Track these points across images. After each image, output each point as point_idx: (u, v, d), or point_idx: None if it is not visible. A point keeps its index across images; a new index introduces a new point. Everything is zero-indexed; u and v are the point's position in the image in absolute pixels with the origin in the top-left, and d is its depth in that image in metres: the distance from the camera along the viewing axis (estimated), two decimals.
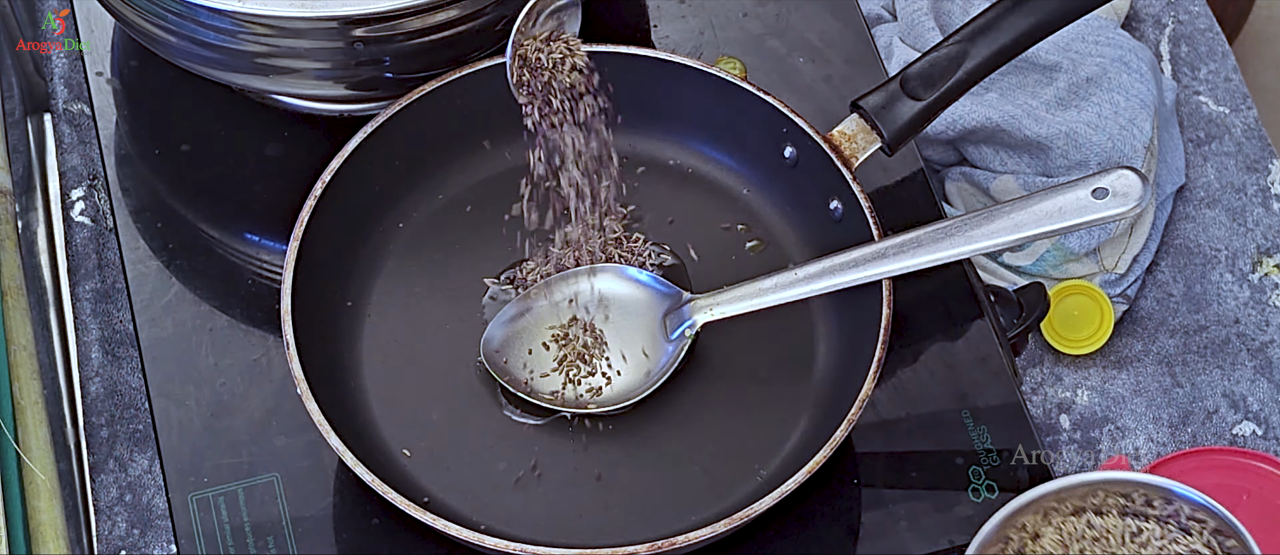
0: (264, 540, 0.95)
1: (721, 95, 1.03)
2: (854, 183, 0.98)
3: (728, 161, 1.06)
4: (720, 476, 0.96)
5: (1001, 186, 1.17)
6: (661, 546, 0.88)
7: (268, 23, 0.96)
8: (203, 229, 1.07)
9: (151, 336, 1.01)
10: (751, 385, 0.99)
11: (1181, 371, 1.14)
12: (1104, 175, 0.91)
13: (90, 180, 1.15)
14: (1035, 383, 1.14)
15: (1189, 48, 1.27)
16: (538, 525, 0.94)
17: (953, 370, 1.01)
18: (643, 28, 1.15)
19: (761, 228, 1.05)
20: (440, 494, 0.95)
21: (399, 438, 0.97)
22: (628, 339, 0.99)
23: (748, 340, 1.00)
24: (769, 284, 0.96)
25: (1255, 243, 1.19)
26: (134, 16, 1.01)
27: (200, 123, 1.10)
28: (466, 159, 1.06)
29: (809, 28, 1.13)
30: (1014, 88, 1.18)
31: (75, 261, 1.12)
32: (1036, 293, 1.05)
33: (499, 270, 1.03)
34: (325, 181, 0.98)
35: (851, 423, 0.90)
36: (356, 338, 1.00)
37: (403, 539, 0.95)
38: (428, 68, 1.01)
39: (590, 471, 0.96)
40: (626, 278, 1.01)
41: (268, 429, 0.98)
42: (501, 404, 0.98)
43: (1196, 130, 1.24)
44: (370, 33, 0.97)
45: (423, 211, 1.05)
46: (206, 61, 1.01)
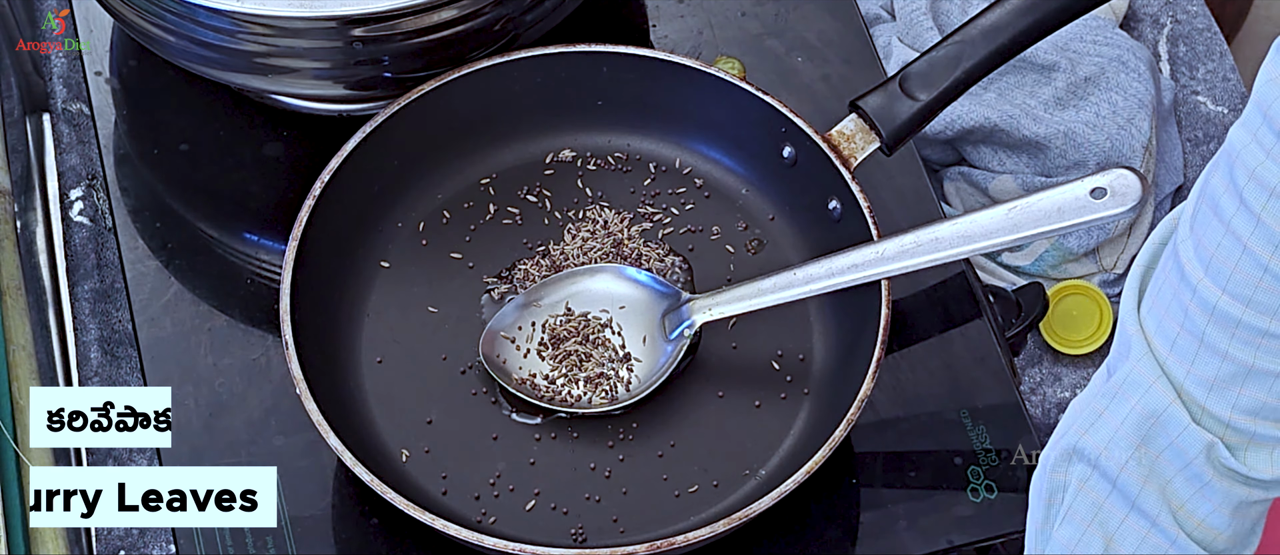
0: (263, 540, 0.95)
1: (720, 95, 1.03)
2: (853, 182, 0.98)
3: (726, 161, 1.06)
4: (720, 476, 0.96)
5: (1000, 186, 1.17)
6: (661, 546, 0.88)
7: (267, 22, 0.96)
8: (201, 229, 1.07)
9: (150, 336, 1.01)
10: (750, 385, 0.99)
11: None
12: (1102, 175, 0.91)
13: (89, 180, 1.15)
14: (1034, 382, 1.14)
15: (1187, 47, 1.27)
16: (537, 525, 0.94)
17: (951, 370, 1.01)
18: (641, 27, 1.15)
19: (760, 228, 1.05)
20: (439, 494, 0.95)
21: (398, 437, 0.97)
22: (627, 339, 0.99)
23: (747, 340, 1.00)
24: (768, 284, 0.96)
25: None
26: (133, 16, 1.01)
27: (199, 122, 1.10)
28: (465, 159, 1.06)
29: (808, 27, 1.13)
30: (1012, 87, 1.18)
31: (74, 261, 1.12)
32: (1035, 293, 1.05)
33: (498, 270, 1.03)
34: (324, 181, 0.98)
35: (850, 423, 0.91)
36: (355, 338, 1.00)
37: (402, 539, 0.95)
38: (426, 68, 1.01)
39: (589, 471, 0.96)
40: (626, 278, 1.01)
41: (267, 429, 0.98)
42: (501, 404, 0.98)
43: (1195, 130, 1.24)
44: (369, 32, 0.97)
45: (421, 211, 1.05)
46: (205, 61, 1.01)
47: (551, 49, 1.03)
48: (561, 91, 1.05)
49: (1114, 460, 0.75)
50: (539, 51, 1.03)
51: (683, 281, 1.02)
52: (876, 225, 0.97)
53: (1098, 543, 0.76)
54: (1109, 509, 0.76)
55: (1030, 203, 0.92)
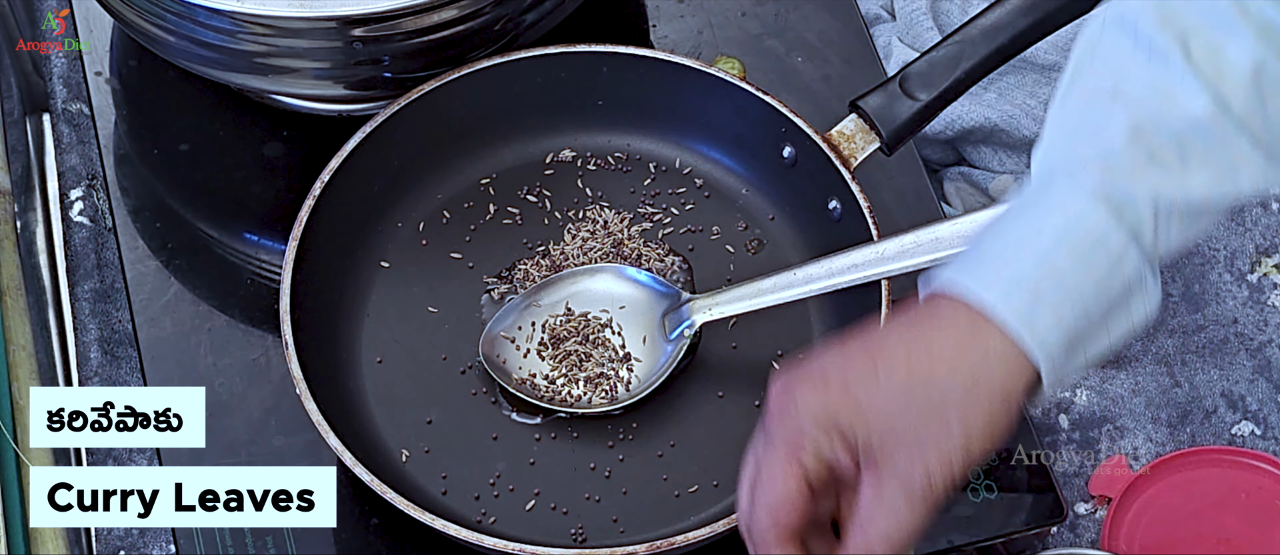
0: (263, 540, 0.95)
1: (720, 95, 1.03)
2: (853, 182, 0.98)
3: (726, 161, 1.06)
4: (720, 476, 0.96)
5: (1000, 186, 1.17)
6: (661, 546, 0.88)
7: (266, 22, 0.96)
8: (201, 229, 1.07)
9: (150, 336, 1.01)
10: (750, 385, 0.99)
11: (1180, 371, 1.14)
12: None
13: (89, 180, 1.15)
14: None
15: None
16: (537, 525, 0.94)
17: None
18: (641, 27, 1.15)
19: (760, 228, 1.05)
20: (439, 494, 0.95)
21: (398, 437, 0.97)
22: (627, 339, 0.99)
23: (747, 340, 1.00)
24: (768, 284, 0.96)
25: (1254, 242, 1.19)
26: (133, 16, 1.01)
27: (199, 122, 1.10)
28: (465, 159, 1.06)
29: (808, 27, 1.13)
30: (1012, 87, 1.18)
31: (74, 261, 1.12)
32: None
33: (498, 270, 1.03)
34: (324, 181, 0.98)
35: None
36: (355, 337, 1.00)
37: (402, 539, 0.95)
38: (426, 68, 1.01)
39: (589, 471, 0.96)
40: (626, 278, 1.01)
41: (266, 429, 0.98)
42: (500, 404, 0.98)
43: None
44: (369, 32, 0.97)
45: (421, 211, 1.05)
46: (205, 61, 1.01)
47: (551, 49, 1.03)
48: (561, 91, 1.05)
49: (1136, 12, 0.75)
50: (539, 51, 1.03)
51: (683, 281, 1.02)
52: (876, 225, 0.97)
53: (1108, 84, 0.76)
54: (1124, 52, 0.75)
55: None
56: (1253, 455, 1.09)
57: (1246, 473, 1.08)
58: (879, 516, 0.73)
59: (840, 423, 0.73)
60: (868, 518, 0.73)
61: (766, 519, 0.75)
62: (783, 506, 0.74)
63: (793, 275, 0.95)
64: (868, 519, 0.73)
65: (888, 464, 0.73)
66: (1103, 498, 1.08)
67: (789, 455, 0.74)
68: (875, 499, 0.73)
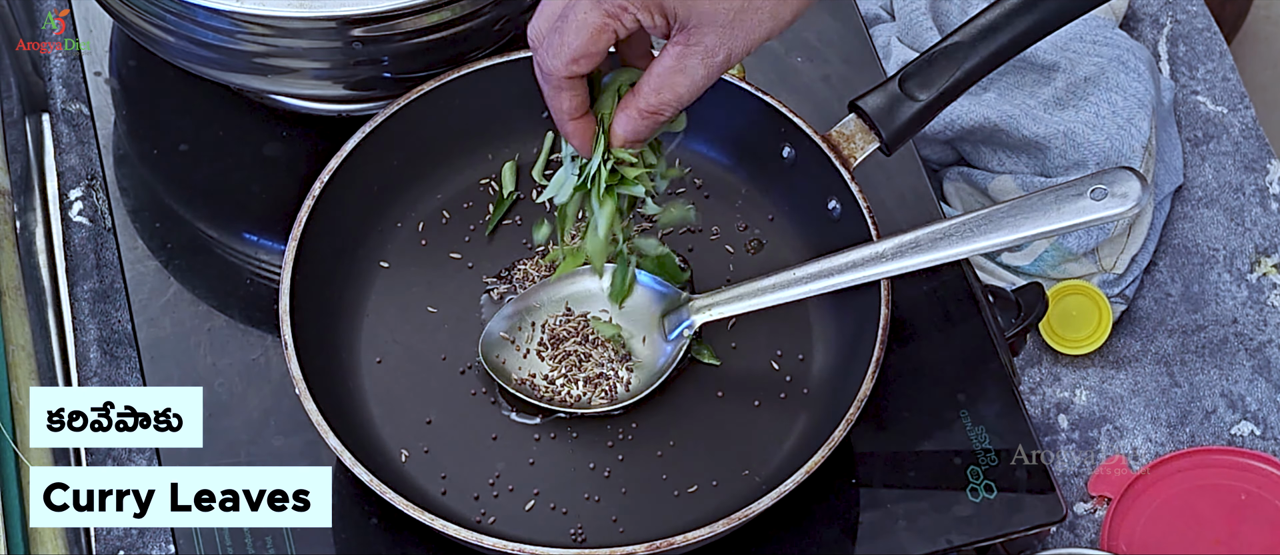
0: (262, 540, 0.95)
1: (720, 95, 1.02)
2: (852, 183, 0.98)
3: (726, 161, 1.06)
4: (720, 476, 0.96)
5: (999, 186, 1.17)
6: (661, 546, 0.88)
7: (266, 23, 0.96)
8: (201, 229, 1.07)
9: (150, 336, 1.01)
10: (750, 385, 0.99)
11: (1180, 371, 1.14)
12: (1102, 175, 0.91)
13: (88, 180, 1.15)
14: (1033, 383, 1.14)
15: (1187, 47, 1.27)
16: (536, 525, 0.94)
17: (951, 370, 1.01)
18: None
19: (760, 228, 1.05)
20: (438, 494, 0.95)
21: (397, 438, 0.97)
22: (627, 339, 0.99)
23: (747, 340, 1.00)
24: (767, 284, 0.96)
25: (1253, 242, 1.19)
26: (132, 16, 1.01)
27: (198, 122, 1.10)
28: (464, 159, 1.06)
29: (807, 27, 1.13)
30: (1012, 87, 1.18)
31: (73, 261, 1.12)
32: (1035, 293, 1.05)
33: (497, 270, 1.03)
34: (323, 181, 0.98)
35: (850, 423, 0.91)
36: (355, 338, 1.00)
37: (401, 539, 0.95)
38: (426, 68, 1.01)
39: (589, 471, 0.96)
40: None
41: (266, 429, 0.98)
42: (500, 404, 0.98)
43: (1194, 130, 1.24)
44: (368, 32, 0.97)
45: (421, 211, 1.05)
46: (205, 61, 1.01)
47: None
48: None
49: None
50: None
51: (683, 282, 1.02)
52: (876, 225, 0.97)
53: None
54: None
55: (1030, 203, 0.92)
56: (1252, 455, 1.09)
57: (1246, 473, 1.08)
58: (678, 79, 0.84)
59: (665, 4, 0.82)
60: (665, 79, 0.85)
61: (564, 58, 0.84)
62: (583, 57, 0.84)
63: (793, 275, 0.95)
64: (665, 81, 0.85)
65: (697, 41, 0.83)
66: (1102, 498, 1.08)
67: (609, 14, 0.82)
68: (677, 68, 0.84)
